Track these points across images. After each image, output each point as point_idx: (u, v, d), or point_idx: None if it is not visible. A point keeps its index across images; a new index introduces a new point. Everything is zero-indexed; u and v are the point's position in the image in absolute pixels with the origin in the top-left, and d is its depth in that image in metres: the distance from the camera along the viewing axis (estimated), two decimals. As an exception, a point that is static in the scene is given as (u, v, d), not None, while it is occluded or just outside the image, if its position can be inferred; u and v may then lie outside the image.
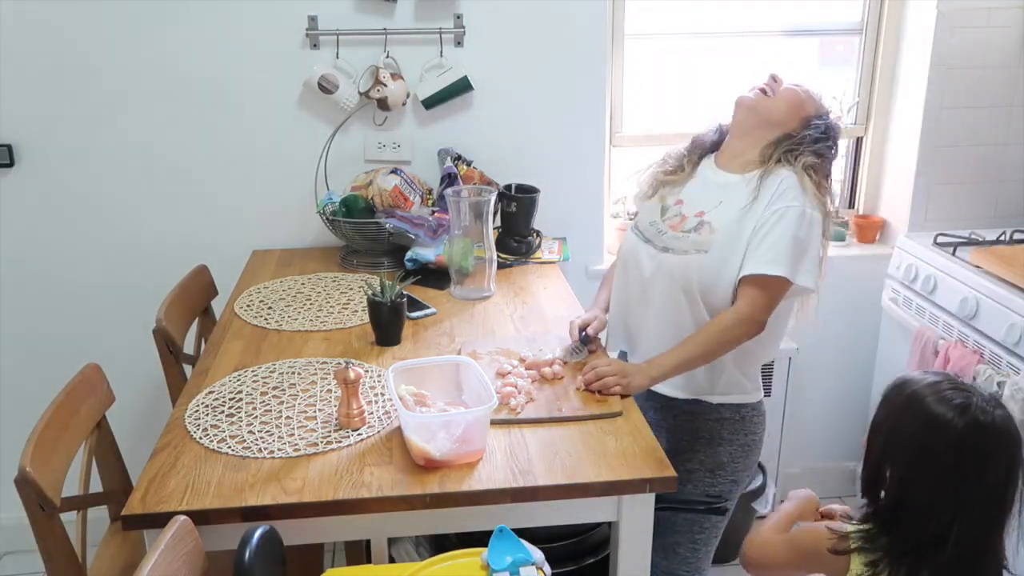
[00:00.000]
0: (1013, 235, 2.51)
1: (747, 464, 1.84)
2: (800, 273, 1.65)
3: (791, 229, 1.64)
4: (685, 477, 1.80)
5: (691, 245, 1.72)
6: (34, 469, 1.48)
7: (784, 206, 1.66)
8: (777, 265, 1.63)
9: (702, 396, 1.79)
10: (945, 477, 1.17)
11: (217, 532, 1.37)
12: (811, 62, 2.86)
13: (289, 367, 1.82)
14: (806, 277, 1.66)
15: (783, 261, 1.64)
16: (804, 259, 1.65)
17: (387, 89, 2.38)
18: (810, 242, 1.66)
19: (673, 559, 1.87)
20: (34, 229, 2.50)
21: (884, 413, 1.27)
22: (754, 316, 1.65)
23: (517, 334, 1.96)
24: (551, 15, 2.47)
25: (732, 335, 1.67)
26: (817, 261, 1.68)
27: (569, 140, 2.59)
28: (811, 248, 1.66)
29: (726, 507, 1.83)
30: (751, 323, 1.66)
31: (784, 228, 1.65)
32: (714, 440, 1.80)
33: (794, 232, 1.64)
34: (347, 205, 2.37)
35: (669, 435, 1.83)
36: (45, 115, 2.41)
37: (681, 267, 1.72)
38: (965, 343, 2.28)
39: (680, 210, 1.79)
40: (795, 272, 1.64)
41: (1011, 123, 2.65)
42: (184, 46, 2.40)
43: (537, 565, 1.19)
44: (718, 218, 1.72)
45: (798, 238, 1.65)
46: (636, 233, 1.85)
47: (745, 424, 1.81)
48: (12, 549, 2.75)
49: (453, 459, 1.45)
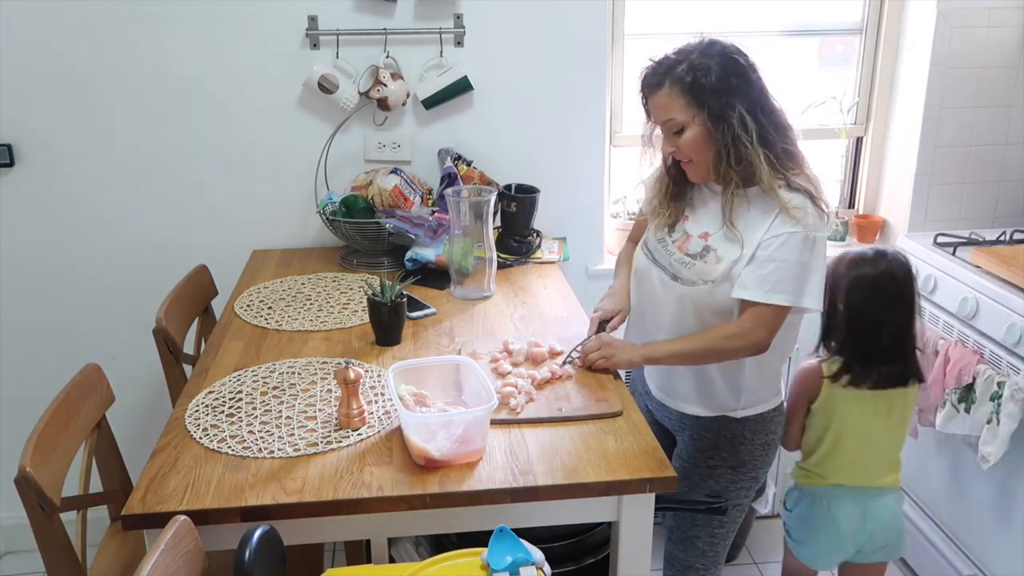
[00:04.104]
0: (1013, 235, 2.51)
1: (766, 461, 1.87)
2: (805, 296, 1.64)
3: (794, 255, 1.62)
4: (707, 474, 1.83)
5: (697, 275, 1.71)
6: (34, 469, 1.48)
7: (787, 232, 1.62)
8: (778, 294, 1.62)
9: (727, 413, 1.81)
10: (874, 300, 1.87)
11: (217, 532, 1.37)
12: (811, 62, 2.86)
13: (289, 367, 1.82)
14: (811, 300, 1.64)
15: (786, 289, 1.62)
16: (808, 283, 1.63)
17: (387, 89, 2.38)
18: (813, 264, 1.64)
19: (692, 552, 1.89)
20: (34, 229, 2.50)
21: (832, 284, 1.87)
22: (757, 339, 1.64)
23: (517, 334, 1.96)
24: (551, 15, 2.47)
25: (731, 347, 1.67)
26: (822, 280, 1.66)
27: (569, 140, 2.59)
28: (815, 270, 1.64)
29: (726, 506, 1.83)
30: (753, 344, 1.65)
31: (786, 254, 1.62)
32: (736, 439, 1.81)
33: (797, 258, 1.62)
34: (347, 205, 2.37)
35: (691, 439, 1.85)
36: (45, 115, 2.41)
37: (691, 295, 1.72)
38: (965, 343, 2.28)
39: (686, 228, 1.77)
40: (799, 297, 1.63)
41: (1011, 123, 2.65)
42: (184, 46, 2.40)
43: (537, 565, 1.19)
44: (721, 244, 1.69)
45: (802, 264, 1.62)
46: (645, 252, 1.83)
47: (767, 424, 1.83)
48: (12, 549, 2.75)
49: (453, 459, 1.45)
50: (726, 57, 1.62)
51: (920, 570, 2.57)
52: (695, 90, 1.61)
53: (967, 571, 2.35)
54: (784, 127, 1.67)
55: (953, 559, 2.41)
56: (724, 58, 1.62)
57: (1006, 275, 2.24)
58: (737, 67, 1.62)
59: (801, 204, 1.63)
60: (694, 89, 1.61)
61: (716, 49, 1.63)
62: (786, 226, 1.63)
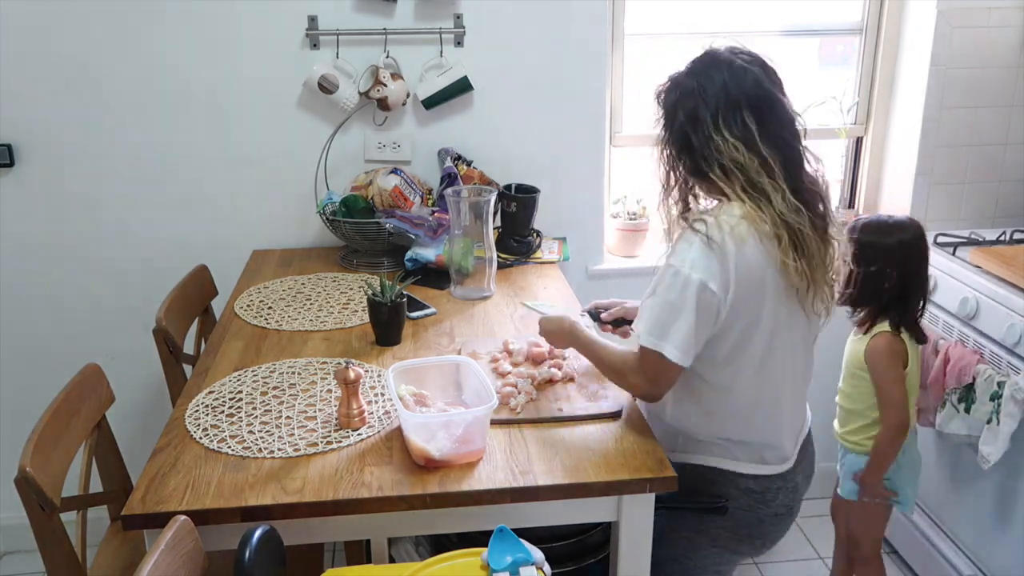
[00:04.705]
0: (1013, 235, 2.51)
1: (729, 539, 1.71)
2: (667, 342, 1.48)
3: (662, 290, 1.50)
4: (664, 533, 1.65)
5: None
6: (34, 469, 1.48)
7: (665, 264, 1.51)
8: (647, 335, 1.51)
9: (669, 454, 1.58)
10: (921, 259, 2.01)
11: (217, 532, 1.37)
12: (811, 62, 2.86)
13: (289, 367, 1.82)
14: (673, 349, 1.47)
15: (652, 330, 1.50)
16: (673, 327, 1.47)
17: (387, 89, 2.38)
18: (682, 305, 1.46)
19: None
20: (34, 229, 2.50)
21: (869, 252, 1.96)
22: (635, 383, 1.57)
23: (517, 334, 1.96)
24: (551, 15, 2.47)
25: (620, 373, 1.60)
26: (688, 330, 1.46)
27: (569, 140, 2.59)
28: (682, 315, 1.46)
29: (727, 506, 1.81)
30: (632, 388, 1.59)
31: (655, 288, 1.52)
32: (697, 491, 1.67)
33: (664, 295, 1.49)
34: (347, 205, 2.37)
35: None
36: (45, 115, 2.41)
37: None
38: (965, 343, 2.28)
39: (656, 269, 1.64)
40: (660, 340, 1.49)
41: (1011, 123, 2.65)
42: (184, 46, 2.40)
43: (537, 565, 1.19)
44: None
45: (668, 302, 1.48)
46: None
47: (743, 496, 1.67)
48: (12, 549, 2.75)
49: (453, 459, 1.45)
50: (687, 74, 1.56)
51: (920, 570, 2.57)
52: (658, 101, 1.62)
53: (967, 571, 2.35)
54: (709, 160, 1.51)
55: (953, 559, 2.41)
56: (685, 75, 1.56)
57: (1006, 275, 2.24)
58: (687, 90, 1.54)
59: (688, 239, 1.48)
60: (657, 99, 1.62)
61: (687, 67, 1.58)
62: (668, 258, 1.52)
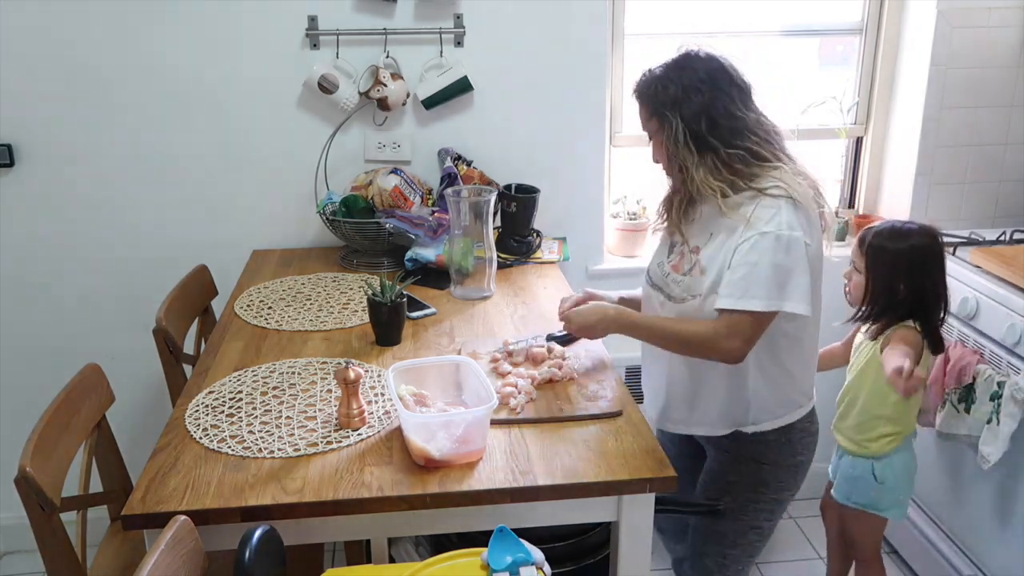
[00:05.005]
0: (1013, 235, 2.51)
1: (792, 484, 1.82)
2: (787, 300, 1.56)
3: (767, 257, 1.56)
4: (725, 488, 1.81)
5: (686, 291, 1.69)
6: (34, 469, 1.48)
7: (757, 233, 1.58)
8: (751, 299, 1.56)
9: (739, 428, 1.77)
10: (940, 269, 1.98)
11: (217, 532, 1.37)
12: (811, 62, 2.86)
13: (289, 367, 1.82)
14: (794, 303, 1.57)
15: (758, 293, 1.55)
16: (788, 285, 1.56)
17: (387, 89, 2.38)
18: (791, 265, 1.56)
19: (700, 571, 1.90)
20: (34, 229, 2.50)
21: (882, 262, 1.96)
22: (729, 348, 1.58)
23: (517, 334, 1.96)
24: (551, 15, 2.47)
25: (698, 345, 1.62)
26: (806, 283, 1.58)
27: (569, 140, 2.59)
28: (795, 270, 1.57)
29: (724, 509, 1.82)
30: (723, 352, 1.60)
31: (758, 257, 1.56)
32: (756, 458, 1.78)
33: (771, 260, 1.56)
34: (347, 205, 2.37)
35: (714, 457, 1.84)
36: (45, 115, 2.41)
37: (683, 312, 1.69)
38: (965, 343, 2.28)
39: (682, 248, 1.74)
40: (778, 301, 1.56)
41: (1011, 123, 2.65)
42: (184, 46, 2.40)
43: (537, 565, 1.19)
44: (708, 255, 1.67)
45: (776, 265, 1.56)
46: (647, 278, 1.83)
47: (792, 446, 1.78)
48: (12, 549, 2.75)
49: (453, 459, 1.45)
50: (678, 68, 1.65)
51: (920, 570, 2.57)
52: (646, 99, 1.68)
53: (967, 571, 2.35)
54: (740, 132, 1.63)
55: (953, 559, 2.41)
56: (675, 69, 1.65)
57: (1006, 275, 2.24)
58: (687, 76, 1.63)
59: (772, 204, 1.59)
60: (644, 98, 1.69)
61: (675, 61, 1.67)
62: (757, 227, 1.58)
